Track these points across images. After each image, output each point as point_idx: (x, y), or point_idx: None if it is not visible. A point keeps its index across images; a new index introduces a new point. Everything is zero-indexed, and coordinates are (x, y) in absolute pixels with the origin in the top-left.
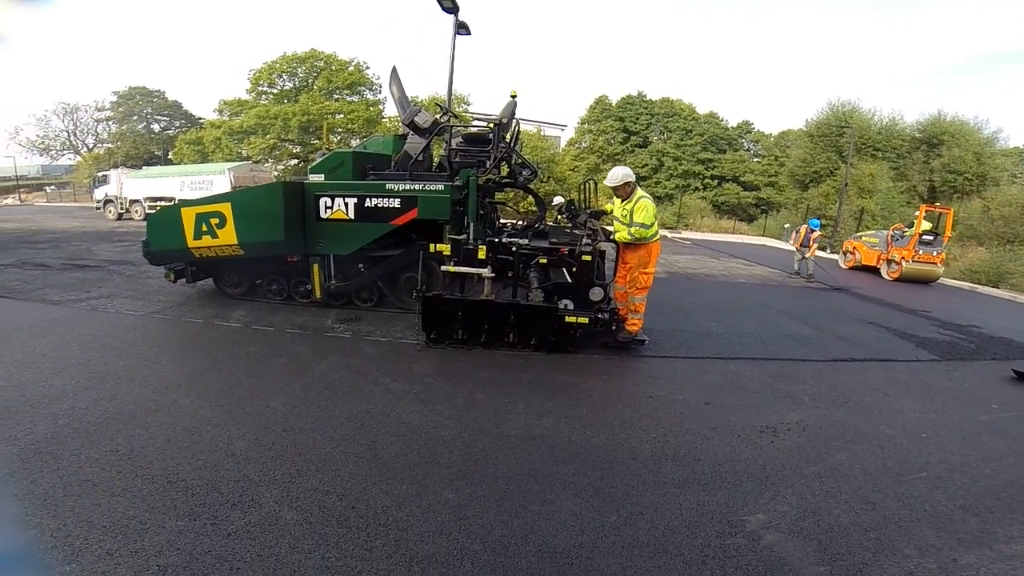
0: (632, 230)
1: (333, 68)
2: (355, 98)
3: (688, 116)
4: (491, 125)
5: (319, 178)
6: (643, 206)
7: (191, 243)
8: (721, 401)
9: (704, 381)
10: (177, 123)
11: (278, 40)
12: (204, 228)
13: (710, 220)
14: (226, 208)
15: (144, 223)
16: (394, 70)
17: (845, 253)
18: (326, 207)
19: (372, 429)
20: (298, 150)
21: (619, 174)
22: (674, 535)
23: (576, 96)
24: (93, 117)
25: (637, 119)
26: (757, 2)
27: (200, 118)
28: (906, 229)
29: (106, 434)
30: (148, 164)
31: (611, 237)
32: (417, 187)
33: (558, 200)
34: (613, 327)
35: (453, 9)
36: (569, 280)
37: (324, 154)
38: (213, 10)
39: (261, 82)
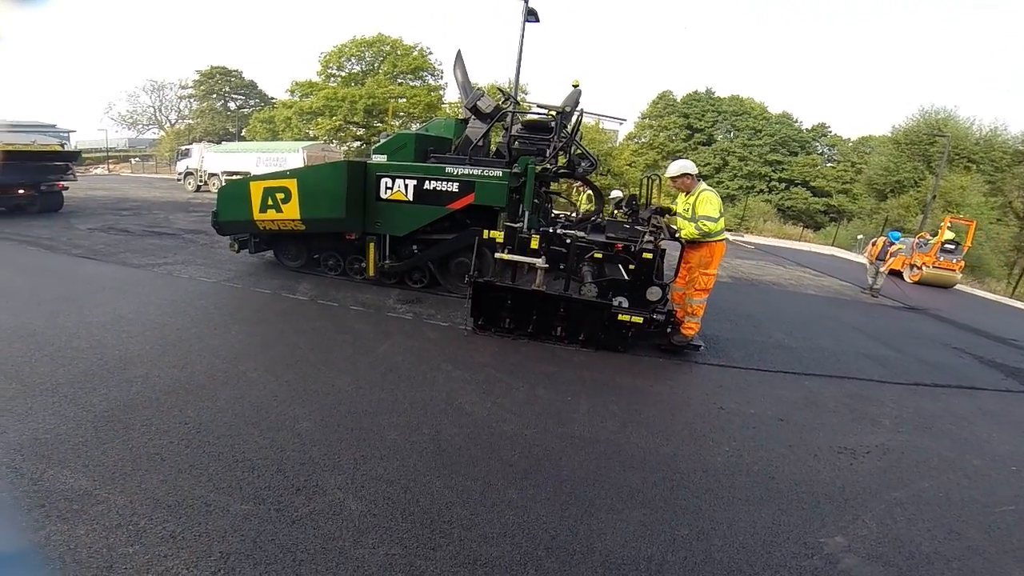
0: (699, 223)
1: (398, 53)
2: (417, 83)
3: (759, 115)
4: (553, 113)
5: (382, 158)
6: (706, 198)
7: (256, 216)
8: (796, 418)
9: (777, 396)
10: (252, 102)
11: (349, 24)
12: (270, 202)
13: (773, 224)
14: (292, 184)
15: None
16: (459, 54)
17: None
18: (386, 187)
19: (435, 418)
20: (361, 132)
21: (677, 165)
22: (748, 553)
23: (636, 90)
24: (177, 94)
25: (703, 116)
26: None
27: (272, 98)
28: (930, 237)
29: (176, 404)
30: (223, 140)
31: (676, 235)
32: (476, 172)
33: (616, 194)
34: (668, 329)
35: None
36: (626, 277)
37: (388, 135)
38: None
39: (331, 65)
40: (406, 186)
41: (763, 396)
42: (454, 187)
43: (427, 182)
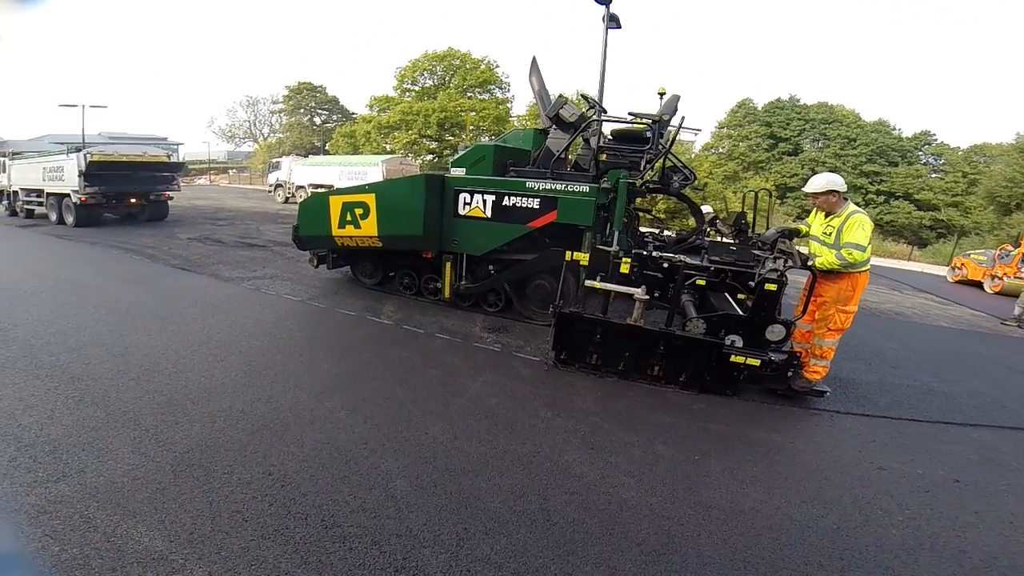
0: (843, 252)
1: (467, 66)
2: (485, 96)
3: (852, 123)
4: (644, 123)
5: (460, 172)
6: (857, 222)
7: (335, 231)
8: (974, 479)
9: (943, 452)
10: (335, 117)
11: (422, 38)
12: (349, 218)
13: (873, 241)
14: (370, 199)
15: None
16: (534, 61)
17: (953, 268)
18: (464, 203)
19: (541, 480)
20: (434, 146)
21: (822, 181)
22: None
23: (711, 99)
24: (269, 109)
25: (787, 124)
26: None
27: (353, 113)
28: (1012, 249)
29: (260, 448)
30: (309, 154)
31: (809, 263)
32: (559, 187)
33: (706, 210)
34: (790, 373)
35: (605, 0)
36: (740, 311)
37: (466, 147)
38: (370, 10)
39: (406, 79)
40: (484, 202)
41: (927, 453)
42: (535, 203)
43: (506, 198)
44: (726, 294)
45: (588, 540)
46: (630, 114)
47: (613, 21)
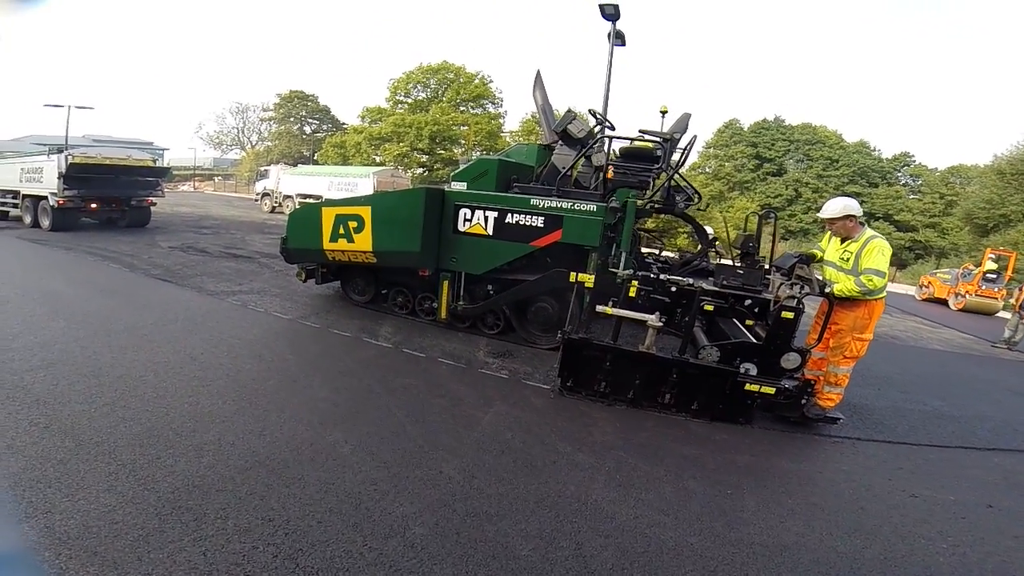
0: (862, 278)
1: (461, 80)
2: (478, 111)
3: (834, 144)
4: (654, 141)
5: (461, 186)
6: (877, 247)
7: (327, 245)
8: (1006, 504)
9: (969, 477)
10: (325, 127)
11: (415, 51)
12: (341, 231)
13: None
14: (366, 212)
15: None
16: (538, 75)
17: (921, 286)
18: (465, 219)
19: (572, 524)
20: (424, 159)
21: (838, 205)
22: None
23: (699, 119)
24: (259, 116)
25: (772, 145)
26: (929, 21)
27: (344, 123)
28: (974, 268)
29: (256, 489)
30: (298, 163)
31: (827, 290)
32: (565, 205)
33: (711, 230)
34: (804, 400)
35: (613, 16)
36: (752, 338)
37: (468, 161)
38: (363, 21)
39: (399, 91)
40: (486, 218)
41: (954, 478)
42: (539, 222)
43: (509, 215)
44: (734, 319)
45: None
46: (640, 131)
47: (619, 38)
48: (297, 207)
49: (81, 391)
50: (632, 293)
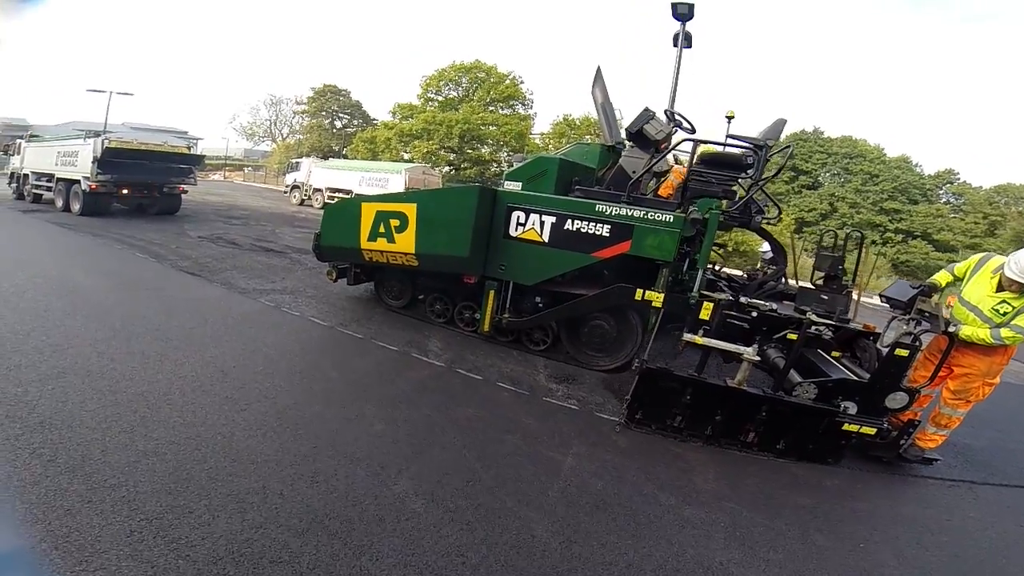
0: (1003, 332)
1: (492, 80)
2: (507, 111)
3: (874, 159)
4: (746, 147)
5: (515, 186)
6: None
7: (364, 244)
8: None
9: None
10: (356, 122)
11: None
12: (382, 229)
13: (887, 280)
14: (410, 210)
15: (321, 210)
16: (598, 72)
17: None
18: (518, 223)
19: None
20: (452, 157)
21: None
22: None
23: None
24: (292, 110)
25: (810, 157)
26: (979, 34)
27: (375, 119)
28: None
29: (321, 560)
30: (328, 157)
31: (951, 329)
32: (637, 214)
33: (765, 248)
34: (903, 440)
35: (686, 16)
36: (850, 374)
37: (524, 158)
38: (398, 17)
39: (431, 89)
40: (542, 223)
41: None
42: (604, 230)
43: (570, 221)
44: (819, 350)
45: None
46: (729, 136)
47: (687, 40)
48: (332, 201)
49: (95, 411)
50: (705, 315)
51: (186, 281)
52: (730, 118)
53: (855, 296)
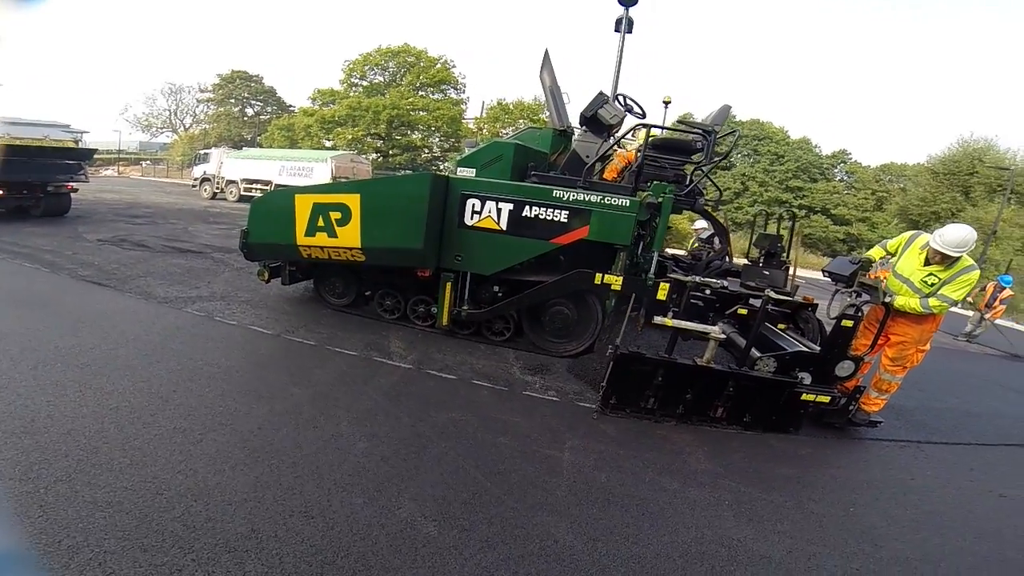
0: (931, 302)
1: (422, 64)
2: (438, 96)
3: (780, 140)
4: (696, 132)
5: (468, 173)
6: (968, 281)
7: (301, 240)
8: None
9: None
10: (269, 109)
11: (371, 33)
12: (321, 223)
13: (814, 256)
14: (353, 201)
15: (237, 204)
16: (546, 55)
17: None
18: (473, 211)
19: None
20: (380, 144)
21: (969, 240)
22: None
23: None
24: (196, 98)
25: (722, 140)
26: (869, 22)
27: (291, 105)
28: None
29: None
30: (236, 146)
31: (886, 300)
32: (594, 199)
33: (701, 225)
34: (851, 406)
35: (631, 2)
36: (802, 346)
37: (473, 144)
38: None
39: (354, 73)
40: (499, 211)
41: (1020, 477)
42: (562, 216)
43: (527, 207)
44: (766, 323)
45: None
46: (679, 121)
47: (629, 26)
48: (250, 193)
49: (13, 459)
50: (662, 295)
51: (92, 293)
52: (667, 103)
53: (791, 271)
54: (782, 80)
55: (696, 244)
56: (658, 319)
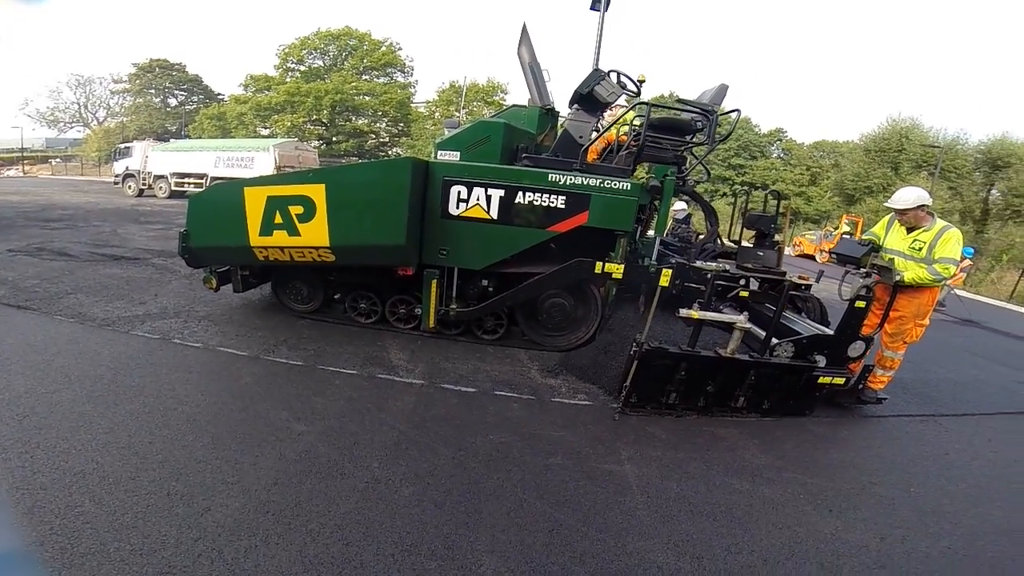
0: (937, 267)
1: (366, 47)
2: (384, 79)
3: (723, 120)
4: (697, 112)
5: (451, 156)
6: (954, 236)
7: (256, 240)
8: None
9: None
10: (195, 98)
11: (306, 17)
12: (279, 220)
13: (784, 233)
14: (317, 192)
15: (170, 201)
16: (524, 30)
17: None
18: (459, 199)
19: (853, 563)
20: (322, 131)
21: (912, 196)
22: None
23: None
24: (109, 89)
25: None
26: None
27: (220, 94)
28: (833, 230)
29: None
30: (162, 139)
31: (896, 278)
32: (593, 183)
33: (680, 207)
34: (860, 385)
35: None
36: (816, 329)
37: (453, 124)
38: None
39: (290, 58)
40: (488, 198)
41: None
42: (559, 202)
43: (521, 193)
44: (768, 304)
45: None
46: (679, 101)
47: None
48: (183, 188)
49: None
50: (664, 282)
51: (11, 319)
52: (641, 82)
53: (784, 251)
54: (722, 59)
55: (673, 225)
56: (685, 312)
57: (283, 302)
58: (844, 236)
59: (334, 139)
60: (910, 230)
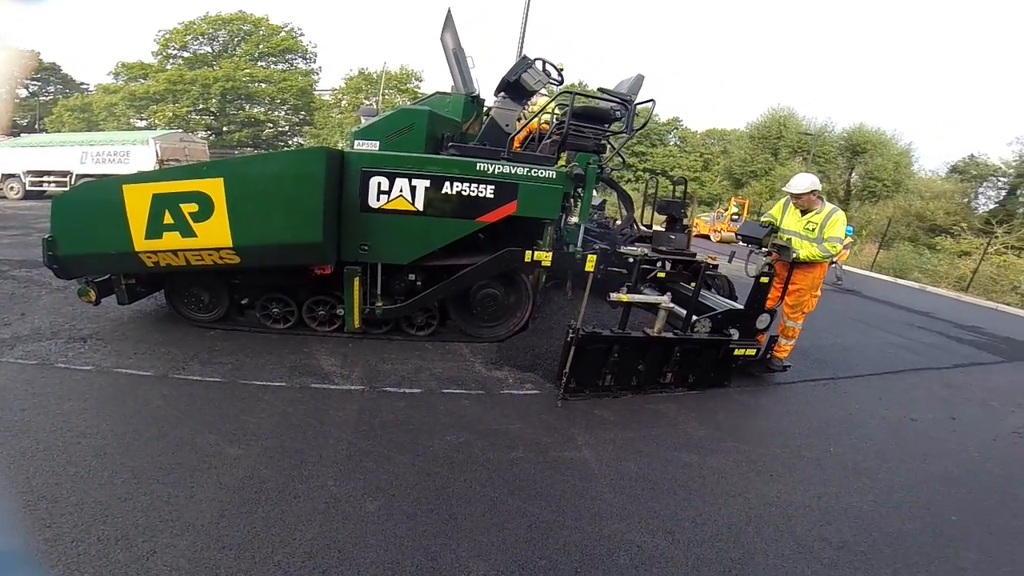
0: (826, 245)
1: (263, 32)
2: (283, 66)
3: (639, 110)
4: (616, 100)
5: (370, 146)
6: (840, 219)
7: (141, 244)
8: (962, 415)
9: (914, 397)
10: (52, 88)
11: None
12: (169, 220)
13: (691, 217)
14: (215, 187)
15: (25, 203)
16: (448, 15)
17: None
18: (380, 191)
19: (828, 527)
20: (211, 120)
21: (806, 182)
22: None
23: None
24: None
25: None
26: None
27: (83, 83)
28: (723, 212)
29: None
30: (12, 134)
31: (794, 256)
32: (520, 171)
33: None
34: (768, 355)
35: None
36: (728, 304)
37: (370, 112)
38: None
39: (171, 44)
40: (413, 189)
41: (927, 400)
42: (488, 192)
43: (448, 184)
44: (682, 284)
45: None
46: (600, 90)
47: None
48: (43, 188)
49: None
50: (590, 267)
51: None
52: (560, 70)
53: (693, 233)
54: (623, 50)
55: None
56: (614, 295)
57: (180, 312)
58: (733, 217)
59: (224, 129)
60: (804, 212)
